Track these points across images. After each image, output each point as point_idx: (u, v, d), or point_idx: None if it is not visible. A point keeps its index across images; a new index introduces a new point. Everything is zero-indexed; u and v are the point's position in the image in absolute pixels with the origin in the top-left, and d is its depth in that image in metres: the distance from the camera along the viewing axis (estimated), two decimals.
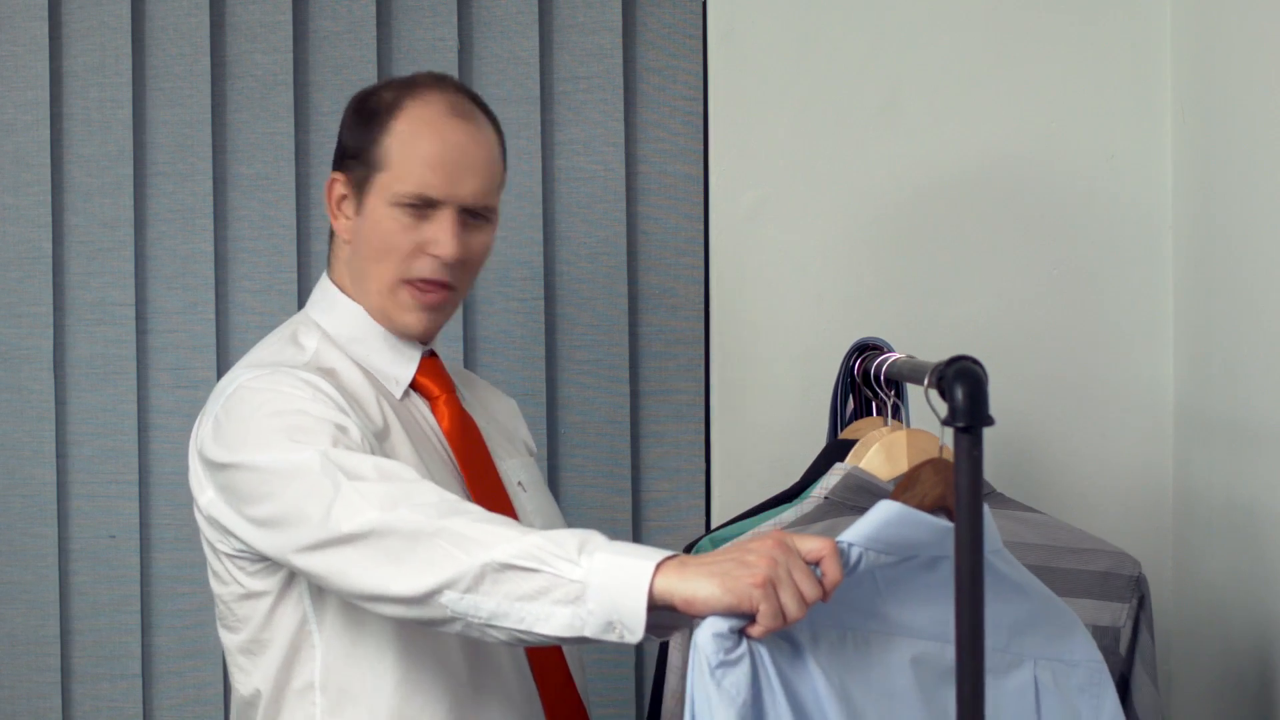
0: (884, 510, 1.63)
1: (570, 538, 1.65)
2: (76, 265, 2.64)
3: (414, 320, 1.98)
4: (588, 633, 1.63)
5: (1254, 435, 2.28)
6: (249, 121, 2.65)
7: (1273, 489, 2.22)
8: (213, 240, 2.65)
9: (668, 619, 1.64)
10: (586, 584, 1.61)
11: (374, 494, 1.72)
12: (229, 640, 1.98)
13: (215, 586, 1.98)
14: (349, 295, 2.01)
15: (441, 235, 1.94)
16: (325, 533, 1.73)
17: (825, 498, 1.96)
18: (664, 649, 2.05)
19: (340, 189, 2.00)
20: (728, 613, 1.57)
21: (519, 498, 2.05)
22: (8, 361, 2.63)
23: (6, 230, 2.63)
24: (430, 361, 2.04)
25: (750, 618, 1.57)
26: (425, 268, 1.95)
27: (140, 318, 2.65)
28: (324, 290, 2.05)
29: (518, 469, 2.09)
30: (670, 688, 2.03)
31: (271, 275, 2.66)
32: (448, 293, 1.98)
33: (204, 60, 2.63)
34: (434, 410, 2.02)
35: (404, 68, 2.65)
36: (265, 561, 1.89)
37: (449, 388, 2.04)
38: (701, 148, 2.69)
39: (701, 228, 2.70)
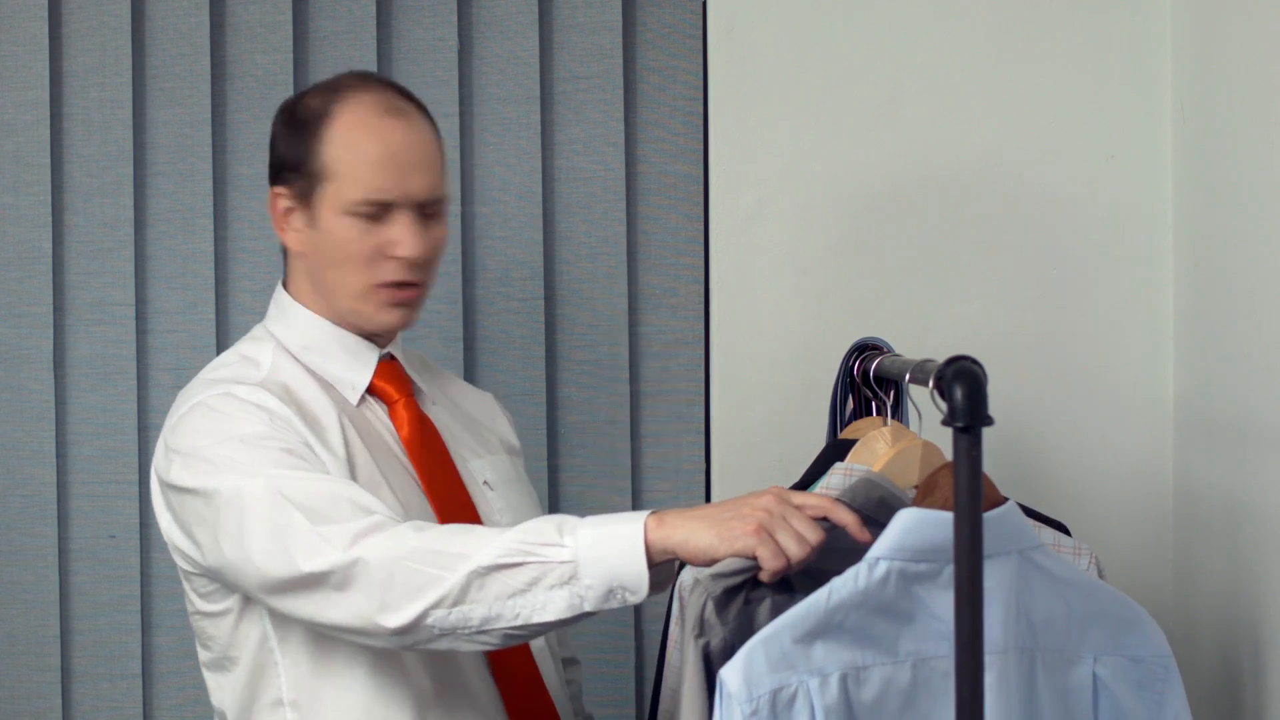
0: (902, 518, 1.64)
1: (545, 524, 1.69)
2: (76, 265, 2.64)
3: (392, 318, 1.97)
4: (588, 607, 1.67)
5: (1254, 435, 2.28)
6: (249, 121, 2.65)
7: (1273, 489, 2.22)
8: (213, 240, 2.65)
9: (665, 574, 1.69)
10: (577, 561, 1.65)
11: (333, 531, 1.71)
12: (203, 656, 1.99)
13: (186, 605, 1.99)
14: (306, 305, 2.01)
15: (402, 236, 1.92)
16: (289, 572, 1.73)
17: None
18: (664, 647, 2.04)
19: (284, 203, 1.98)
20: (723, 559, 1.64)
21: (483, 497, 2.04)
22: (8, 361, 2.63)
23: (6, 230, 2.63)
24: (388, 365, 2.03)
25: (755, 567, 1.64)
26: (391, 270, 1.94)
27: (140, 318, 2.65)
28: (278, 302, 2.05)
29: (484, 468, 2.07)
30: (668, 686, 2.03)
31: (271, 275, 2.62)
32: (416, 290, 1.98)
33: (204, 60, 2.63)
34: (391, 415, 2.01)
35: (404, 67, 2.66)
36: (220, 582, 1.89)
37: (407, 391, 2.03)
38: (701, 148, 2.69)
39: (701, 228, 2.70)
